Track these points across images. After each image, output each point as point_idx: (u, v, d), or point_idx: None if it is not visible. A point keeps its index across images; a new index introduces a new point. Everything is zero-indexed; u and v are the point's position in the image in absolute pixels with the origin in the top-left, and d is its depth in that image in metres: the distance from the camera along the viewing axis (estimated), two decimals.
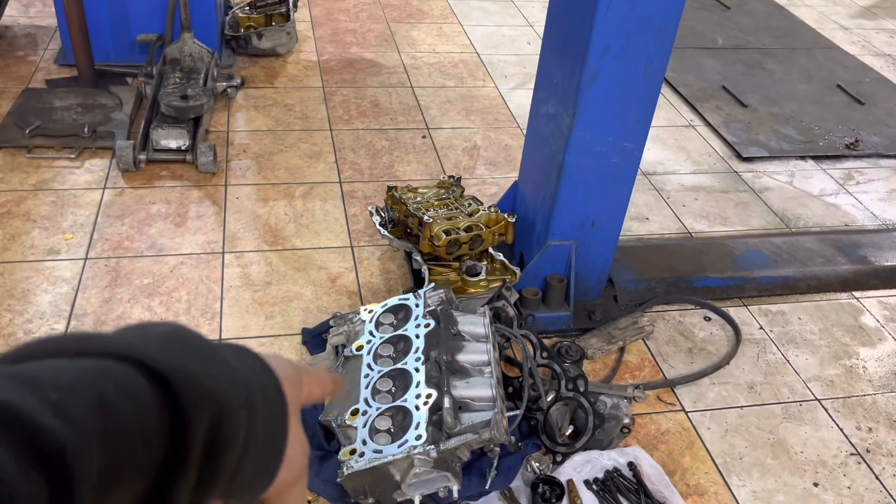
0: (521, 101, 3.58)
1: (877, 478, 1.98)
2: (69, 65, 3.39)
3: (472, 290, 2.22)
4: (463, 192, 2.48)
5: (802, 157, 3.41)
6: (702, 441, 2.03)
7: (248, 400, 0.44)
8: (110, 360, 0.39)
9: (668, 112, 3.67)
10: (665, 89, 3.86)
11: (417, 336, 1.85)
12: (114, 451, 0.35)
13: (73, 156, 2.87)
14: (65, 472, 0.33)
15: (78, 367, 0.37)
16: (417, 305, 1.95)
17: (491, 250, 2.31)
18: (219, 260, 2.46)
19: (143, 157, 2.82)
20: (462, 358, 1.83)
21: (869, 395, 2.23)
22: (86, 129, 2.91)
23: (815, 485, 1.95)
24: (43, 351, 0.39)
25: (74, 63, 3.26)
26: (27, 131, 2.88)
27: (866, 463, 2.02)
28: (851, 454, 2.04)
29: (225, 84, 3.27)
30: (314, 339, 2.17)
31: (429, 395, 1.69)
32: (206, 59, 3.21)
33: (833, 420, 2.14)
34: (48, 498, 0.32)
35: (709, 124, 3.58)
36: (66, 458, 0.33)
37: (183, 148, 2.85)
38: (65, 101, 3.09)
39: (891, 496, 1.94)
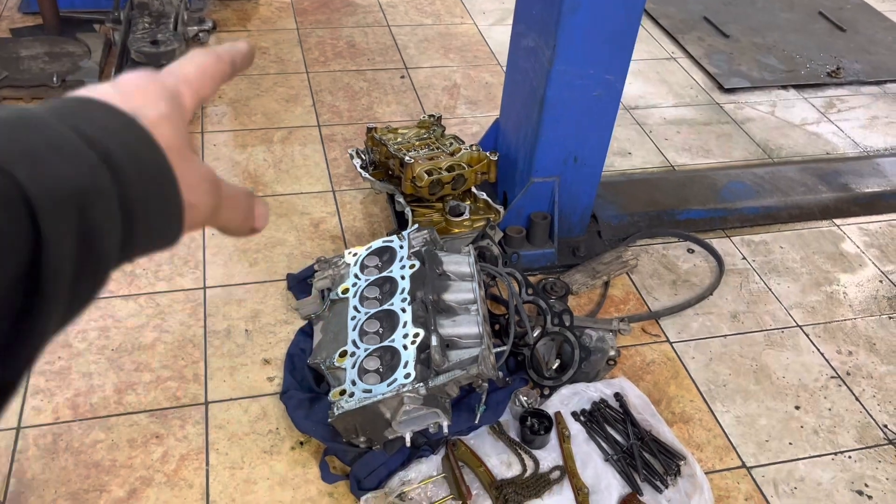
0: (500, 37, 3.52)
1: (857, 399, 2.03)
2: (33, 12, 3.28)
3: (457, 230, 2.22)
4: (444, 131, 2.45)
5: (784, 87, 3.39)
6: (686, 370, 2.06)
7: (112, 171, 0.37)
8: None
9: (649, 45, 3.62)
10: (646, 21, 3.80)
11: (403, 277, 1.85)
12: None
13: None
14: None
15: None
16: (402, 247, 1.94)
17: (474, 189, 2.30)
18: None
19: None
20: (448, 297, 1.84)
21: (849, 319, 2.27)
22: (55, 79, 2.83)
23: (797, 408, 1.99)
24: None
25: (39, 10, 3.15)
26: None
27: (846, 385, 2.07)
28: (832, 377, 2.09)
29: (196, 28, 3.18)
30: (299, 284, 2.16)
31: (416, 335, 1.70)
32: (175, 3, 3.11)
33: (814, 345, 2.18)
34: None
35: (690, 56, 3.54)
36: None
37: None
38: (31, 51, 3.00)
39: (870, 416, 1.99)
